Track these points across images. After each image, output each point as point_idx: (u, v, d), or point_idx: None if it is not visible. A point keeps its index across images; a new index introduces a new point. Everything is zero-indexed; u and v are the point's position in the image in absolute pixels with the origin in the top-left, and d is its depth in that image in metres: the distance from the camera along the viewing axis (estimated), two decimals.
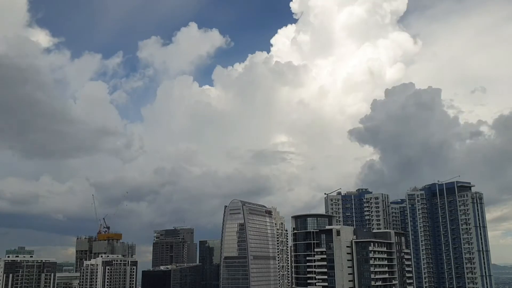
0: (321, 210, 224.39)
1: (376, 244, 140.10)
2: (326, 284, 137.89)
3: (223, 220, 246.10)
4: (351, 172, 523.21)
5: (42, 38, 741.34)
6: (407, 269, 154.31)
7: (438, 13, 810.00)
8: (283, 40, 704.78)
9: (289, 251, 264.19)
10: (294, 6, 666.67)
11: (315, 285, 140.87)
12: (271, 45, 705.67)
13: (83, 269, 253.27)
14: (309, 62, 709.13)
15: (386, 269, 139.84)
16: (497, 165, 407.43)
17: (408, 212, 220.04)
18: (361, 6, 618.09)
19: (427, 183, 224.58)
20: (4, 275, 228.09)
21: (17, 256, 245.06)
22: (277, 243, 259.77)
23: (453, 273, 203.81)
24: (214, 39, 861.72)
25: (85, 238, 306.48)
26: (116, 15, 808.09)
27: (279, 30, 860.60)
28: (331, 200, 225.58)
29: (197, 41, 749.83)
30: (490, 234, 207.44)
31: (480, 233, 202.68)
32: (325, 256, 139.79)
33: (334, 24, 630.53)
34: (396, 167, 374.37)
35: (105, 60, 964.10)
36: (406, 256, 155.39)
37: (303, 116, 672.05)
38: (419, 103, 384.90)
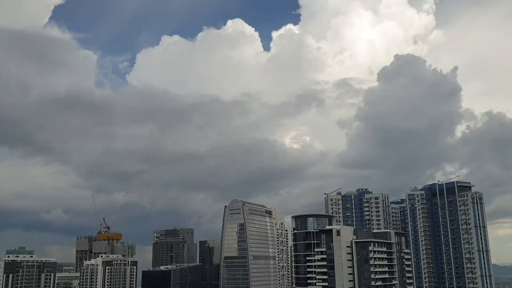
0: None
1: (376, 244, 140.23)
2: (326, 284, 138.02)
3: (223, 220, 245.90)
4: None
5: (59, 34, 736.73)
6: (407, 269, 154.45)
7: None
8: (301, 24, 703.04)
9: (289, 251, 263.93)
10: None
11: (315, 285, 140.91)
12: (288, 29, 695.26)
13: (83, 269, 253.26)
14: (327, 46, 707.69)
15: (386, 269, 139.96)
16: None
17: (408, 212, 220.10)
18: None
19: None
20: (4, 275, 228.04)
21: (17, 256, 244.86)
22: (277, 243, 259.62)
23: (453, 273, 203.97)
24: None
25: (85, 238, 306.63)
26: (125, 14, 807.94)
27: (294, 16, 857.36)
28: (331, 200, 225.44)
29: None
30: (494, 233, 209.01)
31: (480, 233, 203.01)
32: (325, 256, 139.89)
33: (352, 8, 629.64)
34: (395, 152, 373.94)
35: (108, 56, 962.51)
36: (406, 256, 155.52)
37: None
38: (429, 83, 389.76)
